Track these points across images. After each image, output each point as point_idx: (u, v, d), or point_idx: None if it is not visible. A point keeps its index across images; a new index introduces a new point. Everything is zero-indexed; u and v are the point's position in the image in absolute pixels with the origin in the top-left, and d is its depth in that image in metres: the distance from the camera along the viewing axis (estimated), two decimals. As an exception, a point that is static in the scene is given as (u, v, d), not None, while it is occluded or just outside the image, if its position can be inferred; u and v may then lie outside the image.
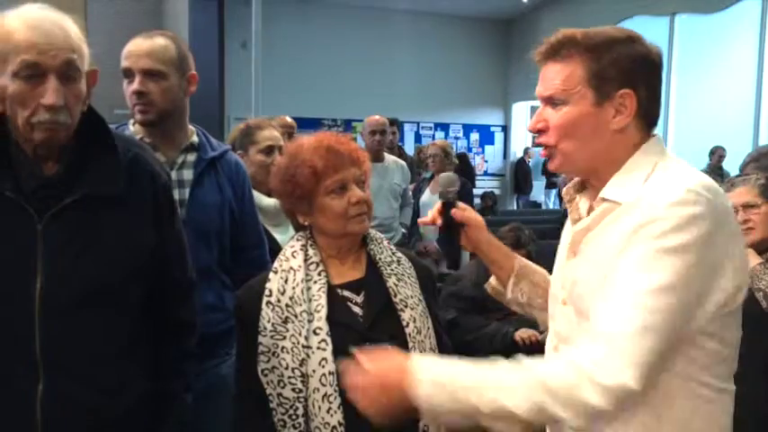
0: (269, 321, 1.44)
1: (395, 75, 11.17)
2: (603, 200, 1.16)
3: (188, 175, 1.88)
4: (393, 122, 5.27)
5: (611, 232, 1.11)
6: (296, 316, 1.42)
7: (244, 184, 2.03)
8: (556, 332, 1.26)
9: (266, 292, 1.46)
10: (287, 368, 1.41)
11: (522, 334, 2.82)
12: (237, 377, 1.56)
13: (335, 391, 1.36)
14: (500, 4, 11.00)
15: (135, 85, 1.81)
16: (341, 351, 1.36)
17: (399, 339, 1.41)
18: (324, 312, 1.42)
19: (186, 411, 1.61)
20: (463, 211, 1.43)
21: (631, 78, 1.14)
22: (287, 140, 2.79)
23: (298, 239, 1.54)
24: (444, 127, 12.43)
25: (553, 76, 1.17)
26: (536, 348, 2.59)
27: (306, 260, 1.49)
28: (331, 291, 1.46)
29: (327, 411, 1.37)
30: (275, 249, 2.41)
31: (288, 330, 1.42)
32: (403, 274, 1.51)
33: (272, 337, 1.43)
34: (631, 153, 1.16)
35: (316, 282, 1.46)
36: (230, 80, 9.98)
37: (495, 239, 1.47)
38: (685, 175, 1.10)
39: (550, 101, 1.17)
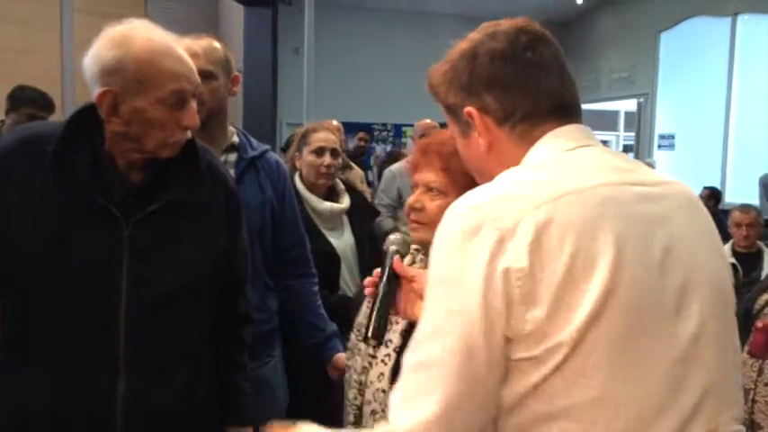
0: (359, 319, 1.42)
1: (446, 79, 11.12)
2: None
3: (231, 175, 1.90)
4: (444, 126, 5.26)
5: None
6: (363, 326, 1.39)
7: (284, 184, 2.04)
8: None
9: None
10: (355, 371, 1.39)
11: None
12: None
13: (383, 411, 1.30)
14: (554, 5, 10.84)
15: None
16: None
17: None
18: (402, 326, 1.34)
19: (249, 403, 1.63)
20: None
21: (468, 92, 1.00)
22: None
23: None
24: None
25: None
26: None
27: (410, 264, 1.41)
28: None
29: (372, 428, 1.34)
30: (330, 253, 2.45)
31: (363, 332, 1.39)
32: None
33: (356, 336, 1.42)
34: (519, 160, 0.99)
35: None
36: (283, 85, 10.12)
37: None
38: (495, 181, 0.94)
39: None
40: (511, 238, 0.83)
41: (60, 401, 1.34)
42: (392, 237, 1.30)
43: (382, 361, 1.34)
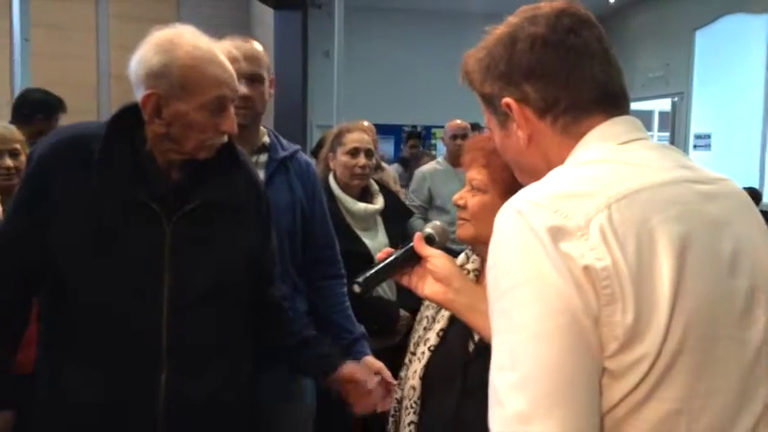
0: (419, 314, 1.46)
1: (476, 80, 11.07)
2: None
3: (260, 175, 1.89)
4: (476, 127, 5.23)
5: None
6: (423, 318, 1.43)
7: (315, 184, 2.05)
8: None
9: None
10: (404, 365, 1.42)
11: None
12: None
13: (412, 407, 1.32)
14: (586, 4, 10.69)
15: (242, 89, 1.80)
16: (435, 370, 1.32)
17: None
18: (440, 326, 1.35)
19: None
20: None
21: (507, 82, 0.94)
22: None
23: None
24: (526, 132, 12.23)
25: None
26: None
27: (462, 265, 1.43)
28: None
29: (403, 423, 1.35)
30: (364, 253, 2.45)
31: (417, 330, 1.43)
32: None
33: (414, 330, 1.45)
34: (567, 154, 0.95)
35: None
36: (313, 88, 10.18)
37: (475, 290, 1.20)
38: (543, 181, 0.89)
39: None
40: (586, 236, 0.78)
41: (110, 396, 1.38)
42: (432, 222, 1.32)
43: (418, 358, 1.36)
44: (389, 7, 10.62)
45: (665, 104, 10.25)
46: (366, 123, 4.01)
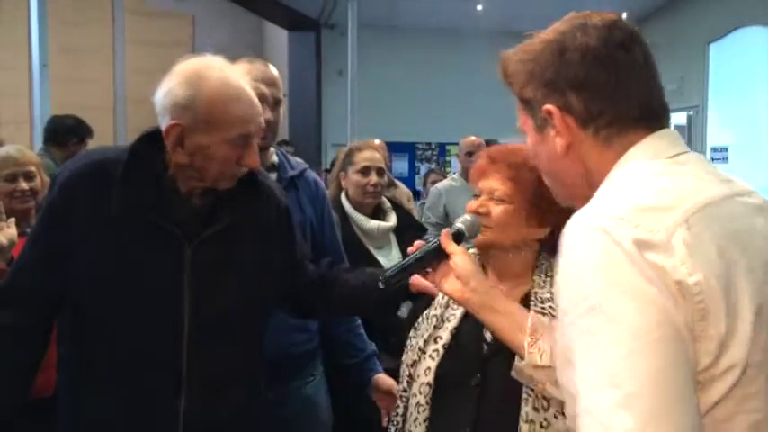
0: (419, 318, 1.47)
1: (489, 96, 10.99)
2: None
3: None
4: (490, 143, 5.23)
5: None
6: (428, 318, 1.44)
7: (323, 203, 2.05)
8: None
9: None
10: (406, 365, 1.43)
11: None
12: None
13: (427, 403, 1.34)
14: (597, 20, 10.75)
15: (267, 114, 1.79)
16: (449, 369, 1.35)
17: (513, 385, 1.24)
18: (453, 324, 1.39)
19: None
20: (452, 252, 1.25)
21: (551, 89, 0.94)
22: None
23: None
24: (541, 148, 12.21)
25: None
26: None
27: None
28: None
29: (414, 420, 1.36)
30: (379, 272, 2.44)
31: (419, 330, 1.44)
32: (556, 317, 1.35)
33: (413, 332, 1.46)
34: (609, 168, 0.93)
35: None
36: (327, 107, 10.25)
37: (493, 289, 1.24)
38: (613, 191, 0.88)
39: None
40: (671, 250, 0.77)
41: (130, 422, 1.38)
42: (462, 217, 1.34)
43: (430, 356, 1.37)
44: (401, 26, 10.69)
45: (680, 118, 10.20)
46: (378, 141, 4.02)
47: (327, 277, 1.64)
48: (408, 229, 2.72)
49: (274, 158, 1.97)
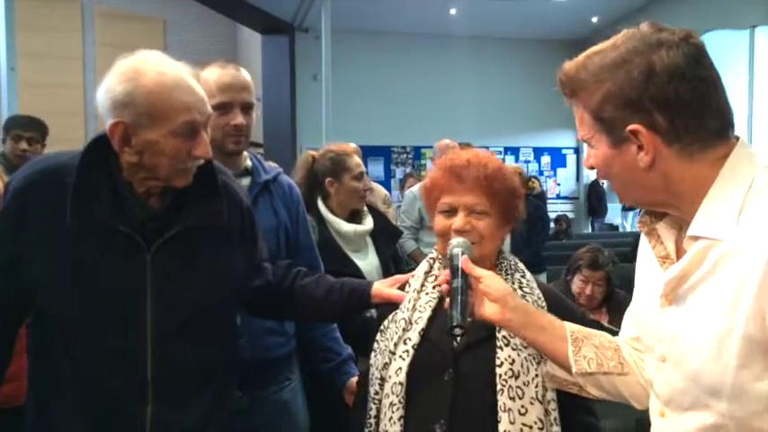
0: (387, 322, 1.48)
1: (463, 100, 11.17)
2: (695, 238, 0.97)
3: None
4: (464, 147, 5.26)
5: (722, 280, 0.93)
6: (396, 321, 1.45)
7: (298, 207, 2.04)
8: (657, 394, 1.07)
9: None
10: (376, 368, 1.44)
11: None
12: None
13: (400, 402, 1.36)
14: (569, 25, 10.86)
15: (239, 119, 1.82)
16: (421, 367, 1.37)
17: (485, 376, 1.32)
18: (421, 325, 1.41)
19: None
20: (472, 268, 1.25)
21: (635, 109, 0.95)
22: None
23: (434, 251, 1.54)
24: (514, 151, 12.29)
25: (576, 117, 1.06)
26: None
27: (428, 272, 1.50)
28: (440, 308, 1.42)
29: (389, 420, 1.37)
30: (355, 274, 2.44)
31: (387, 333, 1.46)
32: None
33: (381, 336, 1.47)
34: (699, 178, 0.97)
35: (428, 294, 1.46)
36: (302, 111, 10.23)
37: (523, 301, 1.27)
38: None
39: (585, 142, 1.07)
40: None
41: (96, 427, 1.36)
42: (455, 240, 1.35)
43: (401, 357, 1.39)
44: (376, 30, 10.72)
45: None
46: (353, 146, 4.03)
47: (285, 281, 1.64)
48: (384, 233, 2.72)
49: (248, 162, 1.96)
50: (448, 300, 1.25)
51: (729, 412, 0.94)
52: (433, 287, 1.44)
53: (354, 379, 1.99)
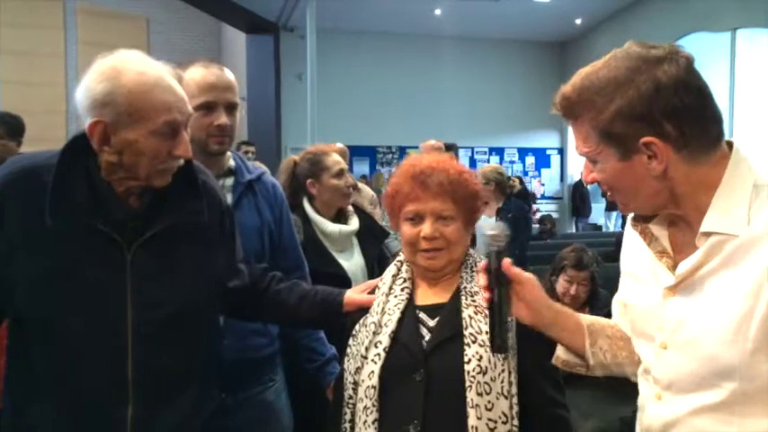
0: (359, 326, 1.49)
1: (448, 100, 11.21)
2: (708, 234, 1.04)
3: (227, 199, 1.83)
4: (450, 147, 5.26)
5: (741, 270, 1.01)
6: (366, 326, 1.46)
7: (282, 207, 2.02)
8: (655, 379, 1.14)
9: None
10: (349, 372, 1.45)
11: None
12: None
13: (374, 405, 1.37)
14: (553, 27, 10.94)
15: (223, 119, 1.81)
16: (393, 369, 1.38)
17: (455, 374, 1.34)
18: (390, 328, 1.41)
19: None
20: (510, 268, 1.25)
21: (647, 122, 1.02)
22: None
23: (401, 254, 1.55)
24: (499, 151, 12.36)
25: (576, 136, 1.11)
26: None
27: (396, 275, 1.51)
28: (409, 310, 1.45)
29: (364, 423, 1.38)
30: (340, 275, 2.44)
31: (358, 338, 1.46)
32: (486, 307, 1.41)
33: (353, 340, 1.48)
34: (703, 179, 1.05)
35: (396, 296, 1.47)
36: (286, 111, 10.22)
37: (551, 301, 1.31)
38: None
39: (587, 158, 1.12)
40: None
41: (73, 427, 1.34)
42: (491, 232, 1.29)
43: (372, 360, 1.40)
44: (361, 30, 10.73)
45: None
46: (340, 145, 4.02)
47: (259, 284, 1.64)
48: (370, 233, 2.72)
49: (231, 162, 1.95)
50: (488, 312, 1.26)
51: (741, 390, 1.01)
52: (471, 295, 1.40)
53: None
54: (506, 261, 1.24)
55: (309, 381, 2.07)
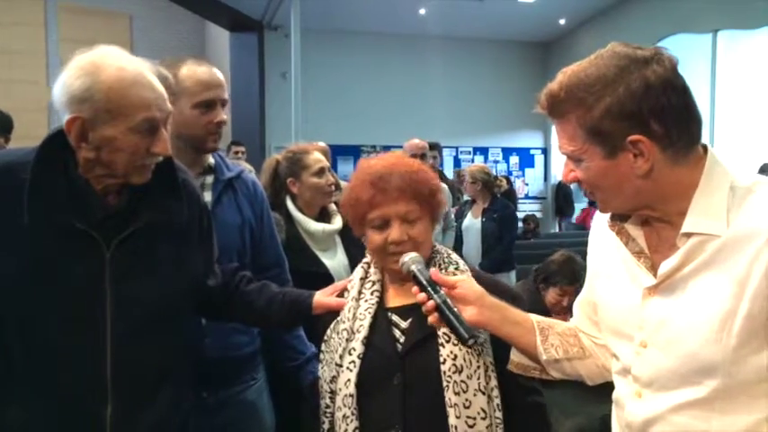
0: (330, 332, 1.48)
1: (432, 100, 11.22)
2: (689, 235, 1.06)
3: (207, 197, 1.86)
4: (433, 147, 5.27)
5: (723, 269, 1.03)
6: (338, 333, 1.44)
7: (262, 204, 2.03)
8: (635, 377, 1.15)
9: None
10: (325, 381, 1.44)
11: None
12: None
13: (353, 413, 1.36)
14: (537, 27, 10.99)
15: (222, 116, 1.84)
16: (369, 375, 1.37)
17: (432, 375, 1.34)
18: (363, 334, 1.40)
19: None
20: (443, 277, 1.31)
21: (635, 121, 1.03)
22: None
23: (367, 256, 1.54)
24: (483, 151, 12.38)
25: (561, 135, 1.12)
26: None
27: (364, 278, 1.50)
28: (380, 313, 1.44)
29: (346, 431, 1.37)
30: (323, 273, 2.43)
31: (331, 345, 1.45)
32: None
33: (326, 347, 1.47)
34: (682, 180, 1.07)
35: (367, 300, 1.46)
36: (271, 110, 10.18)
37: (496, 300, 1.32)
38: None
39: (570, 157, 1.12)
40: None
41: (52, 427, 1.33)
42: (407, 257, 1.35)
43: (348, 368, 1.39)
44: (345, 29, 10.70)
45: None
46: (322, 144, 4.01)
47: (229, 285, 1.63)
48: (353, 231, 2.72)
49: (211, 160, 1.94)
50: (436, 317, 1.27)
51: (722, 386, 1.03)
52: (421, 306, 1.35)
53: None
54: (433, 270, 1.30)
55: (291, 379, 2.06)
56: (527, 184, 12.81)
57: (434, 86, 11.27)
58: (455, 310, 1.27)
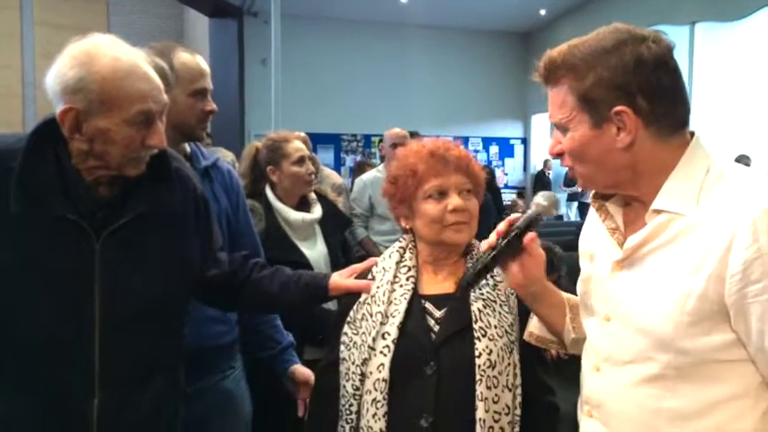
0: (355, 313, 1.47)
1: (413, 89, 11.21)
2: (658, 212, 1.08)
3: None
4: (413, 135, 5.26)
5: (684, 248, 1.05)
6: (371, 315, 1.44)
7: (238, 193, 2.02)
8: (596, 351, 1.18)
9: None
10: (353, 363, 1.43)
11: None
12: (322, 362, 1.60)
13: (384, 398, 1.36)
14: (518, 17, 11.01)
15: (213, 105, 1.85)
16: (402, 362, 1.37)
17: (466, 368, 1.35)
18: (398, 319, 1.41)
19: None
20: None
21: (623, 92, 1.05)
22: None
23: (401, 241, 1.54)
24: (464, 140, 12.42)
25: (552, 102, 1.14)
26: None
27: (399, 262, 1.49)
28: (415, 299, 1.44)
29: (373, 416, 1.37)
30: (303, 263, 2.42)
31: (361, 327, 1.44)
32: (494, 301, 1.43)
33: (351, 329, 1.46)
34: (663, 161, 1.09)
35: (402, 286, 1.45)
36: (250, 97, 10.10)
37: (545, 280, 1.32)
38: (757, 183, 1.04)
39: (557, 126, 1.14)
40: None
41: (42, 424, 1.32)
42: (542, 202, 1.28)
43: (381, 353, 1.39)
44: (326, 16, 10.64)
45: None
46: (302, 135, 3.98)
47: (240, 273, 1.60)
48: (333, 221, 2.71)
49: (187, 149, 1.92)
50: (483, 252, 1.25)
51: (674, 363, 1.05)
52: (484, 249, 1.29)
53: (296, 367, 2.01)
54: (532, 233, 1.24)
55: (267, 367, 2.06)
56: (506, 174, 12.87)
57: (415, 75, 11.25)
58: (489, 263, 1.24)
